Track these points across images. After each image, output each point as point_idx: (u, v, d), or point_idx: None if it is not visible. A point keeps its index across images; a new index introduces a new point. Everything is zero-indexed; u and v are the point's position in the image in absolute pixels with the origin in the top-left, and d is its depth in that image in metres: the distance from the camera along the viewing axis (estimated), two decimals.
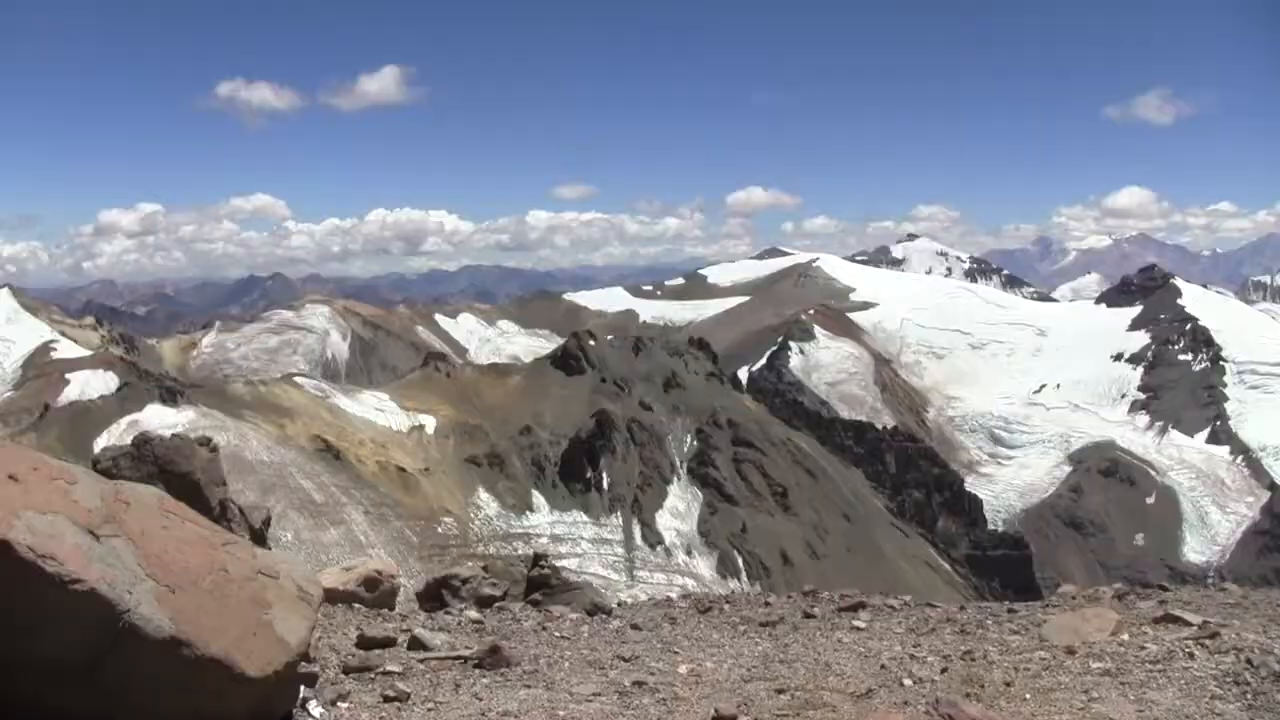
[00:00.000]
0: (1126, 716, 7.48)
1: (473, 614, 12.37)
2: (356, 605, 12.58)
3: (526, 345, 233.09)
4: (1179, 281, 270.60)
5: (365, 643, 9.97)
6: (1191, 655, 8.80)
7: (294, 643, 6.91)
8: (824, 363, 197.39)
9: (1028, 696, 7.96)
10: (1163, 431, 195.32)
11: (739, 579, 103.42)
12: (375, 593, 13.00)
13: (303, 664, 7.26)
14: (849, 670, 9.26)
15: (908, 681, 8.72)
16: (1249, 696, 7.85)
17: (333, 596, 12.21)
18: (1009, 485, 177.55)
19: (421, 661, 9.44)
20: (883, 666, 9.32)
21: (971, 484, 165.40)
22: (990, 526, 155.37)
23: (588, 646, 10.57)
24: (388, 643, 10.06)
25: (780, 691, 8.43)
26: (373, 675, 8.87)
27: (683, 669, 9.42)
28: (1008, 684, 8.29)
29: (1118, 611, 10.99)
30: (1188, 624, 10.01)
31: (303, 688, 7.52)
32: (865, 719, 7.33)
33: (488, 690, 8.57)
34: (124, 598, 6.10)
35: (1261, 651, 8.75)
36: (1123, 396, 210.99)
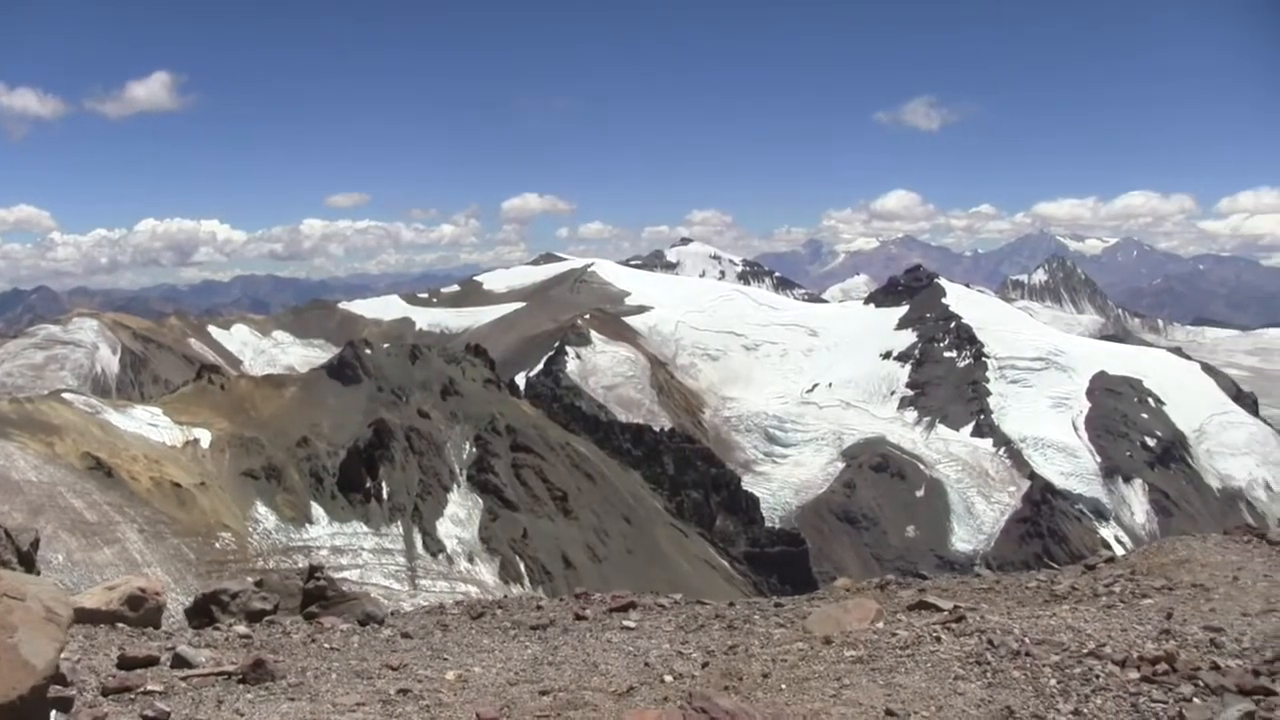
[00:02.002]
0: (875, 700, 7.97)
1: (241, 629, 12.34)
2: (120, 625, 12.33)
3: (302, 355, 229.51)
4: (943, 281, 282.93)
5: (126, 663, 9.84)
6: (938, 639, 9.37)
7: (40, 666, 6.78)
8: (601, 367, 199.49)
9: (783, 686, 8.36)
10: (930, 426, 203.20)
11: (521, 584, 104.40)
12: (139, 611, 12.75)
13: (55, 687, 7.24)
14: (614, 670, 9.61)
15: (668, 678, 9.10)
16: (989, 675, 8.45)
17: (95, 617, 12.21)
18: (785, 483, 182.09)
19: (184, 680, 9.39)
20: (647, 664, 9.73)
21: (748, 483, 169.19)
22: (768, 524, 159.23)
23: (357, 657, 10.72)
24: (150, 662, 9.96)
25: (544, 693, 8.77)
26: (133, 696, 8.81)
27: (450, 675, 9.63)
28: (765, 675, 8.67)
29: (878, 601, 11.53)
30: (939, 610, 10.70)
31: (55, 713, 7.46)
32: (623, 716, 7.54)
33: (250, 705, 8.65)
34: None
35: (1002, 632, 9.45)
36: (892, 393, 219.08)
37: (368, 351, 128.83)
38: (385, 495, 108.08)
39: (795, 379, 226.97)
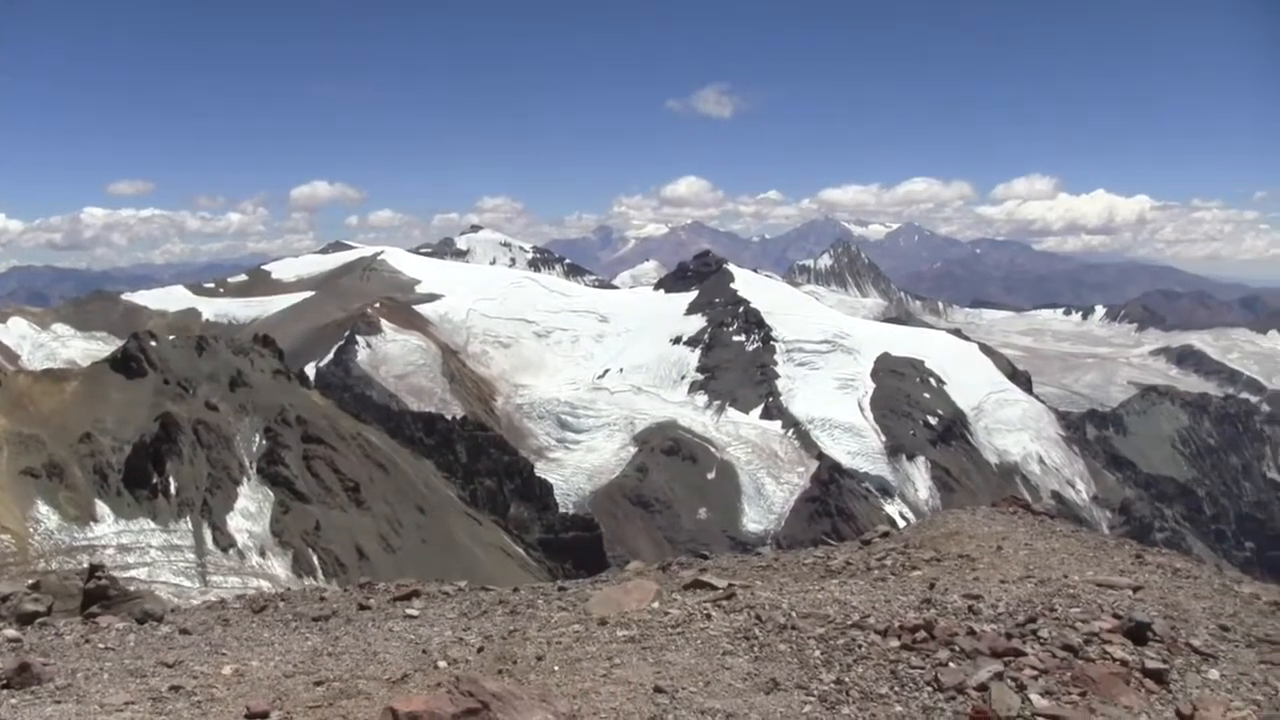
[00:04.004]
0: (644, 678, 8.23)
1: (11, 632, 11.88)
2: None
3: (84, 349, 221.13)
4: (731, 267, 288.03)
5: None
6: (709, 616, 9.76)
7: None
8: (392, 355, 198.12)
9: (556, 668, 8.61)
10: (720, 410, 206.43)
11: (315, 577, 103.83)
12: None
13: None
14: (393, 658, 9.75)
15: (443, 664, 9.34)
16: (756, 649, 8.84)
17: None
18: (578, 469, 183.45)
19: None
20: (424, 651, 9.92)
21: (541, 469, 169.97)
22: (561, 510, 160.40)
23: (132, 655, 10.51)
24: None
25: (319, 684, 8.83)
26: None
27: (227, 670, 9.56)
28: (540, 658, 8.92)
29: (659, 582, 11.87)
30: (714, 588, 11.06)
31: None
32: (391, 702, 7.40)
33: (14, 711, 8.48)
34: None
35: (771, 607, 9.85)
36: (682, 378, 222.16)
37: (153, 343, 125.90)
38: (173, 491, 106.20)
39: (587, 365, 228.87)
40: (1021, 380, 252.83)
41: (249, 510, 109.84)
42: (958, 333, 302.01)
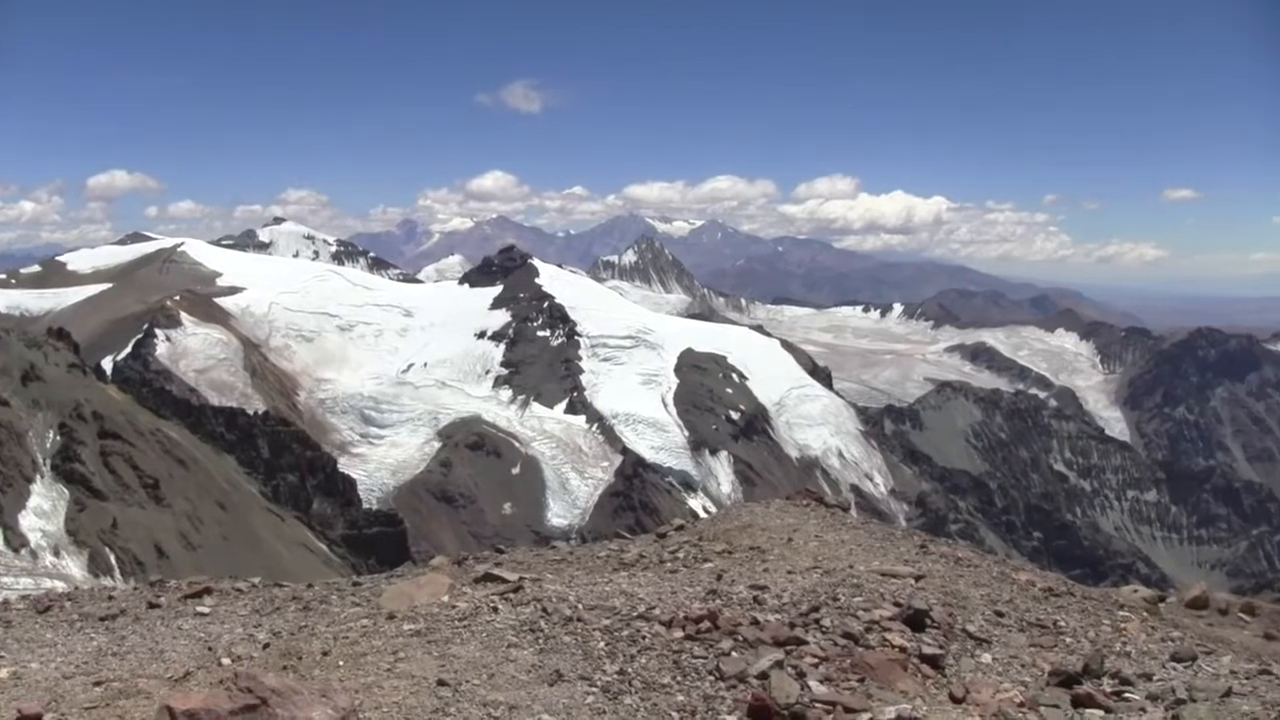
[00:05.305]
0: (428, 671, 8.19)
1: None
2: None
3: None
4: (536, 262, 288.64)
5: None
6: (496, 609, 9.72)
7: None
8: (192, 349, 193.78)
9: (341, 663, 8.50)
10: (525, 405, 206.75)
11: (112, 576, 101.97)
12: None
13: None
14: (178, 656, 9.42)
15: (226, 661, 9.07)
16: (541, 641, 8.89)
17: None
18: (381, 464, 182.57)
19: None
20: (210, 649, 9.62)
21: (345, 464, 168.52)
22: (365, 505, 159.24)
23: None
24: None
25: (98, 684, 8.49)
26: None
27: (3, 673, 9.08)
28: (325, 653, 8.77)
29: (453, 576, 11.77)
30: (505, 581, 11.00)
31: None
32: (169, 700, 6.97)
33: None
34: None
35: (558, 600, 9.90)
36: (487, 373, 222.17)
37: None
38: None
39: (391, 359, 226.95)
40: (822, 376, 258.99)
41: (42, 509, 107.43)
42: (760, 329, 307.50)
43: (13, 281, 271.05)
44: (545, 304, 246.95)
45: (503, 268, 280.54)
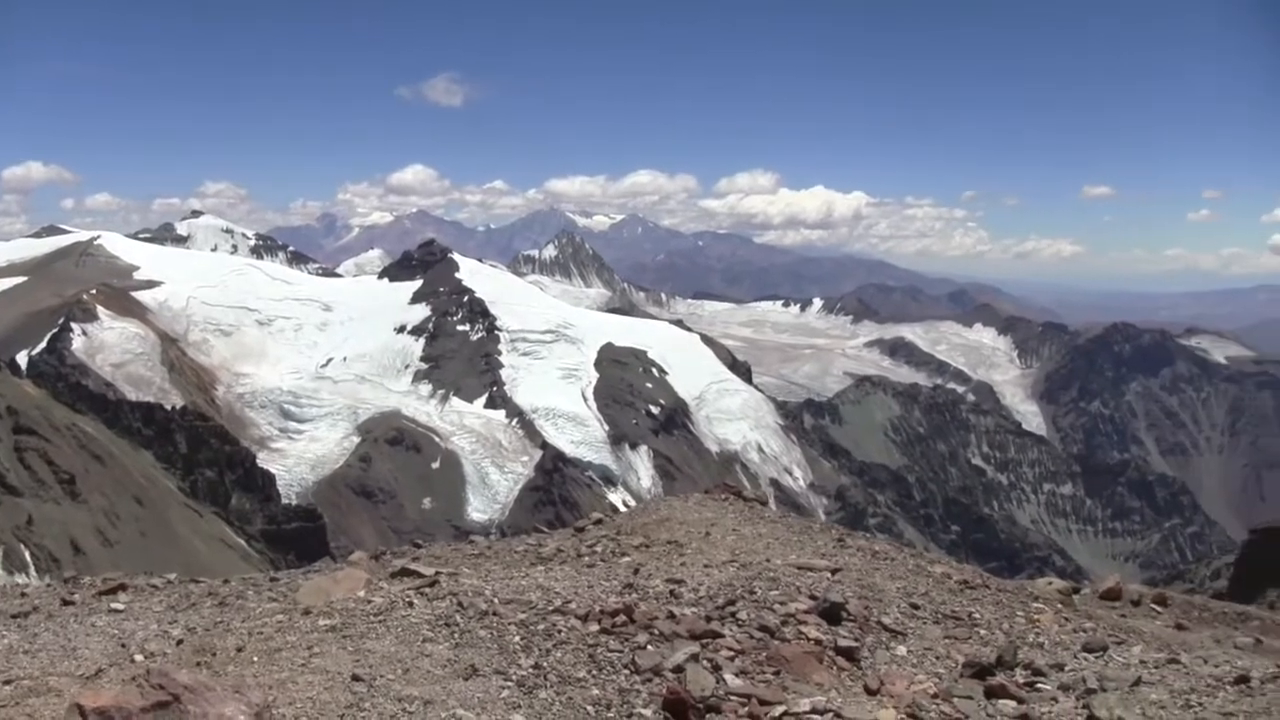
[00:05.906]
0: (342, 666, 8.08)
1: None
2: None
3: None
4: (456, 256, 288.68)
5: None
6: (411, 604, 9.61)
7: None
8: (109, 344, 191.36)
9: (255, 659, 8.35)
10: (444, 399, 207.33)
11: (27, 573, 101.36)
12: None
13: None
14: (91, 654, 9.30)
15: (139, 657, 8.98)
16: (456, 636, 8.82)
17: None
18: (300, 459, 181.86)
19: None
20: (122, 645, 9.51)
21: (264, 460, 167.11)
22: (284, 500, 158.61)
23: None
24: None
25: (7, 683, 8.32)
26: None
27: None
28: (240, 649, 8.62)
29: (370, 571, 11.66)
30: (421, 576, 10.91)
31: None
32: (79, 698, 6.70)
33: None
34: None
35: (474, 594, 9.80)
36: (406, 367, 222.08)
37: None
38: None
39: (310, 354, 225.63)
40: (741, 370, 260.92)
41: None
42: (680, 323, 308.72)
43: None
44: (465, 298, 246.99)
45: (423, 262, 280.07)
